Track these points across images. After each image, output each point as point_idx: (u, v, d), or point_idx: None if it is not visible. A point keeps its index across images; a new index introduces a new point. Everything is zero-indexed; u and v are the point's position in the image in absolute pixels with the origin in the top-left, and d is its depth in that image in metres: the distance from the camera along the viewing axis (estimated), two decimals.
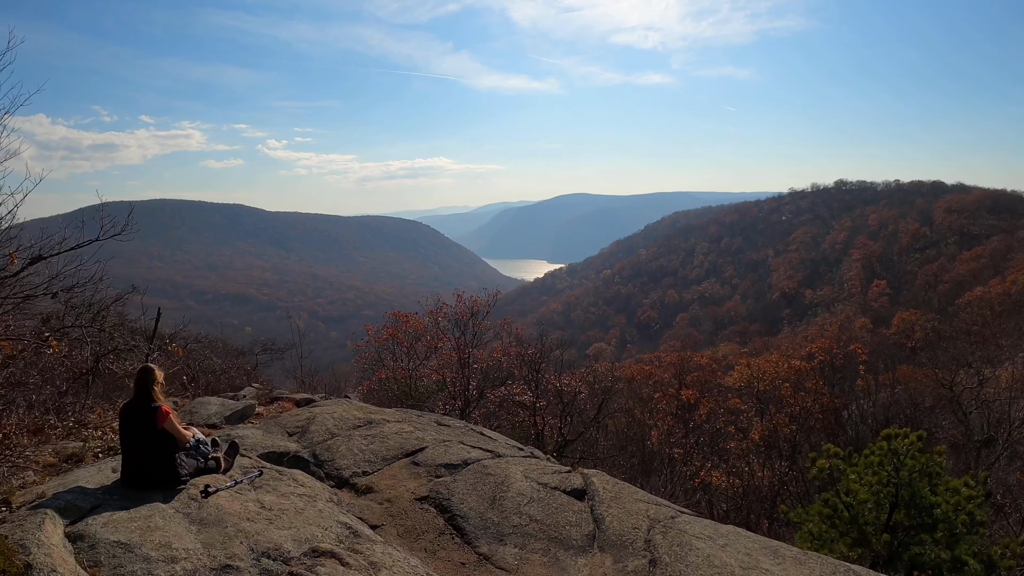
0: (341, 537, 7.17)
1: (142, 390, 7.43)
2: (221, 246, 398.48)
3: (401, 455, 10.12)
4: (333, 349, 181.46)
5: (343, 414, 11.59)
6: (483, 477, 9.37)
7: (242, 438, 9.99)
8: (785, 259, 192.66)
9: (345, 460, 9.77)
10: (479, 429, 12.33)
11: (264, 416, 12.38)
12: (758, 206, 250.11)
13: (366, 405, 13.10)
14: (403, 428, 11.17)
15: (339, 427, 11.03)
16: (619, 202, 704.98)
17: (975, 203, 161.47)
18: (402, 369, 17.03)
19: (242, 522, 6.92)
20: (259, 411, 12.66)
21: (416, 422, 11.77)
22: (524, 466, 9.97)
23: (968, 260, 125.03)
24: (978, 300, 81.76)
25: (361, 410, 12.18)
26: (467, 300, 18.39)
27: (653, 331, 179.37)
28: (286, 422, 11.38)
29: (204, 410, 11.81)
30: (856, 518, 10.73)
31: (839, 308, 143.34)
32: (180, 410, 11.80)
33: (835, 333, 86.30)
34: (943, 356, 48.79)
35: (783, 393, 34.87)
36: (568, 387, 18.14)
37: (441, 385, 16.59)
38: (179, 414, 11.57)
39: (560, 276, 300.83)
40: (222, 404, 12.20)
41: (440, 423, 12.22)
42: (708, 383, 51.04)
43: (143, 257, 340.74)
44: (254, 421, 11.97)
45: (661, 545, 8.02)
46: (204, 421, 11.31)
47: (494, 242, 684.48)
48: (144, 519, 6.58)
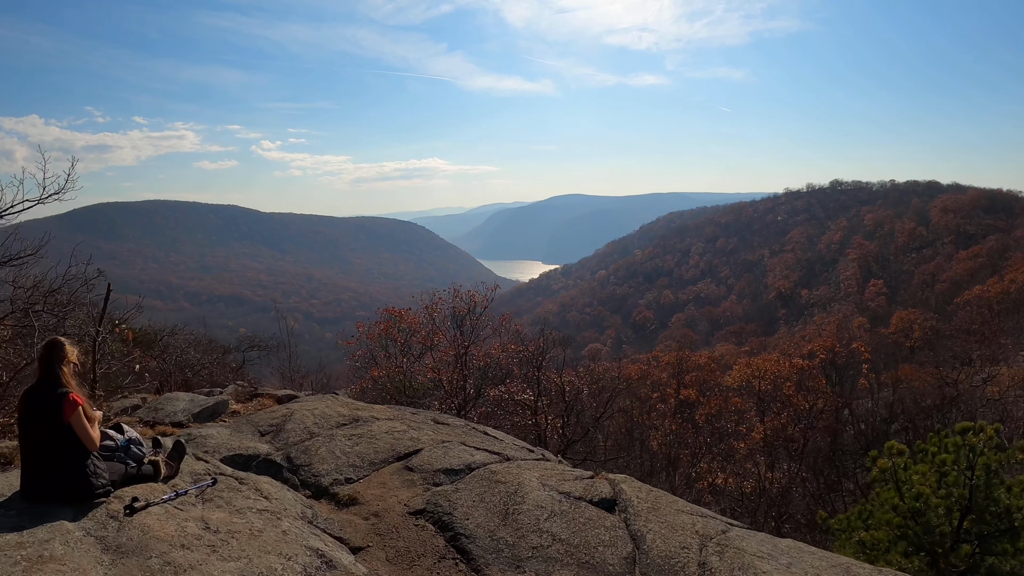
0: (309, 571, 5.61)
1: (47, 371, 5.82)
2: (216, 247, 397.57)
3: (392, 458, 8.82)
4: (328, 350, 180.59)
5: (326, 411, 10.48)
6: (492, 485, 7.85)
7: (205, 438, 8.91)
8: (781, 259, 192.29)
9: (325, 464, 8.51)
10: (482, 428, 11.13)
11: (240, 414, 11.30)
12: (753, 206, 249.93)
13: (353, 401, 11.99)
14: (395, 427, 9.92)
15: (320, 425, 9.87)
16: (614, 203, 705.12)
17: (971, 202, 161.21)
18: (397, 367, 16.25)
19: (174, 550, 5.34)
20: (234, 408, 11.62)
21: (410, 420, 10.56)
22: (539, 471, 8.40)
23: (965, 259, 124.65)
24: (977, 299, 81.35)
25: (347, 406, 11.00)
26: (464, 295, 17.63)
27: (649, 331, 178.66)
28: (260, 420, 10.31)
29: (171, 406, 10.80)
30: (925, 526, 9.01)
31: (836, 308, 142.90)
32: (146, 407, 10.86)
33: (833, 332, 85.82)
34: (944, 355, 48.43)
35: (786, 392, 34.27)
36: (571, 385, 17.42)
37: (437, 383, 15.88)
38: (146, 410, 10.68)
39: (555, 277, 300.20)
40: (191, 400, 11.19)
41: (438, 421, 11.03)
42: (706, 382, 50.55)
43: (137, 258, 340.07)
44: (226, 419, 10.89)
45: (719, 570, 6.47)
46: (169, 419, 10.35)
47: (489, 243, 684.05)
48: (38, 546, 5.00)
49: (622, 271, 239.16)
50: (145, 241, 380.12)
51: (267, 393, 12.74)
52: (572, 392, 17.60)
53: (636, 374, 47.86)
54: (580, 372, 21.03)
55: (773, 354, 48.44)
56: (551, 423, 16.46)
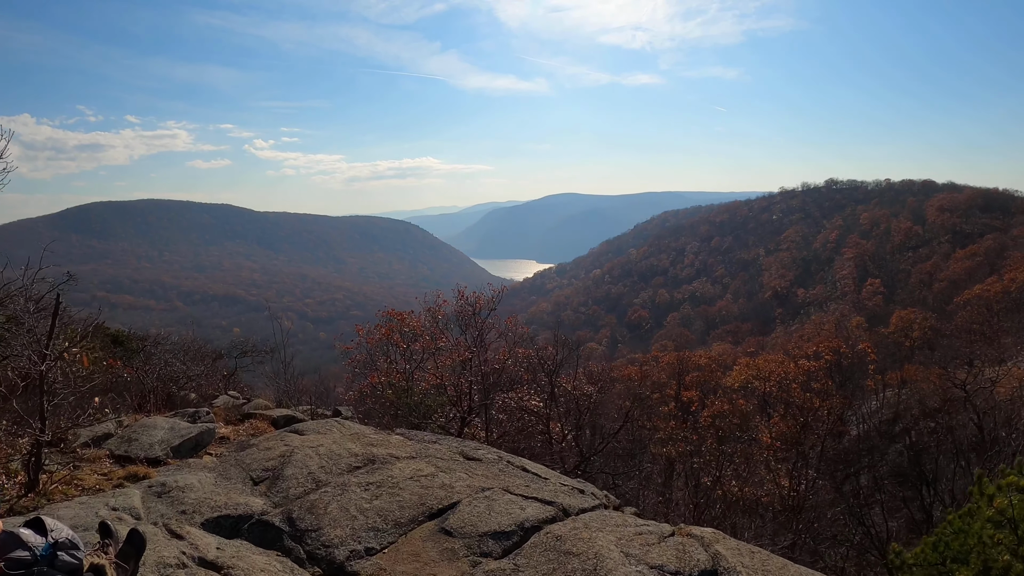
0: None
1: None
2: (209, 246, 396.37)
3: (423, 516, 7.12)
4: (322, 350, 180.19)
5: (333, 448, 8.84)
6: (562, 560, 6.18)
7: (184, 490, 7.33)
8: (776, 258, 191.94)
9: (338, 529, 6.74)
10: (519, 462, 9.59)
11: (229, 440, 9.87)
12: (748, 205, 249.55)
13: (364, 430, 10.27)
14: (419, 469, 8.31)
15: (328, 470, 8.17)
16: (608, 202, 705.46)
17: (967, 202, 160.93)
18: (398, 373, 15.39)
19: None
20: (222, 432, 10.15)
21: (435, 458, 9.00)
22: (613, 532, 6.87)
23: (963, 258, 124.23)
24: (977, 298, 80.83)
25: (358, 440, 9.35)
26: (469, 296, 16.77)
27: (644, 331, 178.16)
28: (253, 460, 8.61)
29: (147, 436, 9.19)
30: None
31: (832, 307, 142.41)
32: (118, 435, 9.30)
33: (832, 332, 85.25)
34: (948, 355, 47.83)
35: (792, 394, 33.53)
36: (584, 391, 16.50)
37: (440, 390, 15.06)
38: (117, 440, 9.15)
39: (549, 276, 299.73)
40: (171, 428, 9.50)
41: (466, 455, 9.50)
42: (706, 383, 49.84)
43: (130, 258, 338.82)
44: (213, 450, 9.36)
45: None
46: (144, 452, 8.73)
47: (483, 242, 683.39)
48: None
49: (617, 270, 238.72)
50: (138, 240, 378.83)
51: (261, 414, 11.39)
52: (587, 400, 16.71)
53: (634, 375, 47.11)
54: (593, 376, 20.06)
55: (777, 354, 47.64)
56: (564, 435, 15.56)
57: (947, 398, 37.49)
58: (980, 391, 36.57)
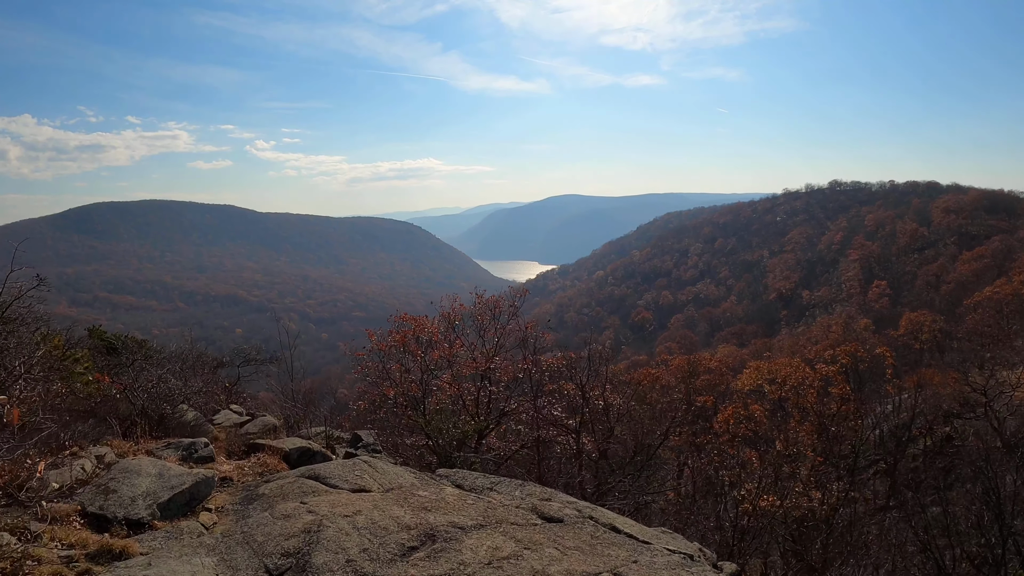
0: None
1: None
2: (211, 247, 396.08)
3: None
4: (324, 351, 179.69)
5: (375, 515, 6.92)
6: None
7: None
8: (780, 260, 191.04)
9: None
10: (603, 517, 7.96)
11: (233, 483, 8.20)
12: (752, 207, 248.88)
13: (403, 476, 8.44)
14: (496, 547, 6.59)
15: (374, 554, 6.25)
16: (610, 203, 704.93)
17: (972, 203, 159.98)
18: (414, 384, 14.48)
19: None
20: (224, 471, 8.55)
21: (508, 522, 7.27)
22: None
23: (970, 260, 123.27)
24: (987, 301, 79.94)
25: (404, 501, 7.33)
26: (487, 300, 15.89)
27: (648, 332, 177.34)
28: (267, 535, 6.70)
29: (128, 487, 7.26)
30: None
31: (838, 309, 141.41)
32: (93, 483, 7.51)
33: (840, 334, 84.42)
34: (959, 358, 47.10)
35: (809, 400, 32.68)
36: (614, 401, 15.56)
37: (458, 403, 14.22)
38: (92, 490, 7.32)
39: (552, 277, 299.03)
40: (159, 476, 7.63)
41: (542, 514, 7.78)
42: (715, 386, 49.06)
43: (132, 258, 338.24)
44: (214, 504, 7.60)
45: None
46: (124, 511, 6.89)
47: (485, 243, 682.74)
48: None
49: (620, 271, 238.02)
50: (140, 241, 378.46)
51: (270, 445, 9.91)
52: (618, 410, 15.81)
53: (644, 378, 46.33)
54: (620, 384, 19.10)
55: (790, 358, 46.76)
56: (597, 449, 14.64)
57: (964, 402, 36.89)
58: (999, 395, 35.91)
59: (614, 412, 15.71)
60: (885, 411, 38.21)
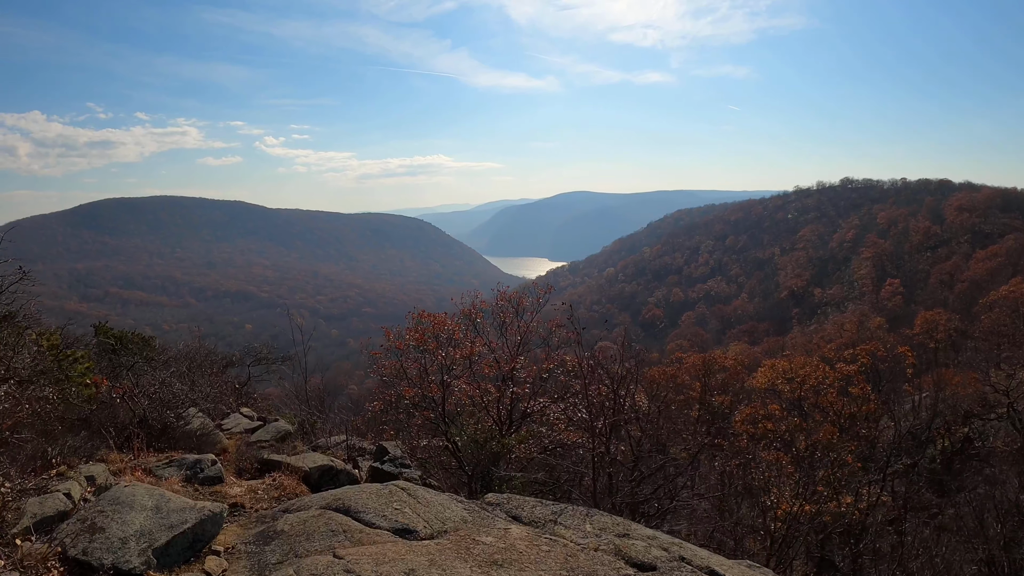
0: None
1: None
2: (221, 243, 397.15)
3: None
4: (334, 347, 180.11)
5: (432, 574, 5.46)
6: None
7: None
8: (792, 257, 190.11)
9: None
10: (697, 559, 6.82)
11: (245, 510, 7.17)
12: (763, 204, 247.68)
13: (452, 509, 7.22)
14: None
15: None
16: (620, 200, 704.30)
17: (986, 201, 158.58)
18: (434, 384, 14.08)
19: None
20: (235, 497, 7.58)
21: (587, 565, 6.02)
22: None
23: (984, 259, 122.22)
24: (1003, 299, 79.12)
25: (467, 554, 5.91)
26: (509, 296, 15.50)
27: (658, 330, 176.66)
28: None
29: (117, 524, 6.07)
30: None
31: (851, 307, 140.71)
32: (75, 517, 6.35)
33: (854, 333, 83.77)
34: (975, 357, 46.43)
35: (829, 399, 32.20)
36: (642, 403, 15.12)
37: (477, 403, 13.84)
38: (74, 525, 6.14)
39: (562, 274, 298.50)
40: (156, 509, 6.43)
41: (631, 560, 6.46)
42: (731, 385, 48.51)
43: (143, 254, 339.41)
44: (221, 545, 6.47)
45: None
46: (113, 558, 5.66)
47: (495, 240, 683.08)
48: None
49: (630, 268, 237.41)
50: (150, 237, 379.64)
51: (286, 463, 8.96)
52: (649, 415, 15.32)
53: (659, 376, 45.85)
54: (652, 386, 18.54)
55: (807, 357, 46.26)
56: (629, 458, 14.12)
57: (984, 403, 36.40)
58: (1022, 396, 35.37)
59: (644, 415, 15.25)
60: (903, 411, 37.73)
